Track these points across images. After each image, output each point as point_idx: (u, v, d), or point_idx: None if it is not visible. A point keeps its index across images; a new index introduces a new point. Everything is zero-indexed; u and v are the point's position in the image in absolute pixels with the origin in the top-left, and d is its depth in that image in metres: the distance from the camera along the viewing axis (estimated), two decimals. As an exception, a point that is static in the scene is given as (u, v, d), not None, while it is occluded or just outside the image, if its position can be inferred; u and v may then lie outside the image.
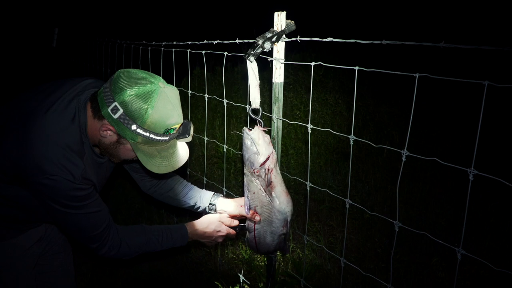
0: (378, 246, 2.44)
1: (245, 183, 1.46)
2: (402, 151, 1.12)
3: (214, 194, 1.63)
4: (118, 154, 1.21)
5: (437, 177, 3.02)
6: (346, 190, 2.89)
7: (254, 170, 1.40)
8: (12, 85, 5.40)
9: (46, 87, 1.24)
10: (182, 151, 1.28)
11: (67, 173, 1.08)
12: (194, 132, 1.63)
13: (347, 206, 1.34)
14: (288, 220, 1.47)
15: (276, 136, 1.55)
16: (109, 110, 1.09)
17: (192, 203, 1.62)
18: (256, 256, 2.35)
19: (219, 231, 1.53)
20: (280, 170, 1.60)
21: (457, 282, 2.07)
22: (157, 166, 1.20)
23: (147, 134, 1.12)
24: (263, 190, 1.43)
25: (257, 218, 1.48)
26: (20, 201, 1.21)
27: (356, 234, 2.56)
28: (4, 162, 1.11)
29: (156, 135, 1.13)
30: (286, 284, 1.96)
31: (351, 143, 1.27)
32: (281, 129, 1.55)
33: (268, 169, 1.39)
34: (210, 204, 1.61)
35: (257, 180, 1.42)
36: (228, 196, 2.03)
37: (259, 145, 1.38)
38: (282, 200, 1.43)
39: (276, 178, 1.42)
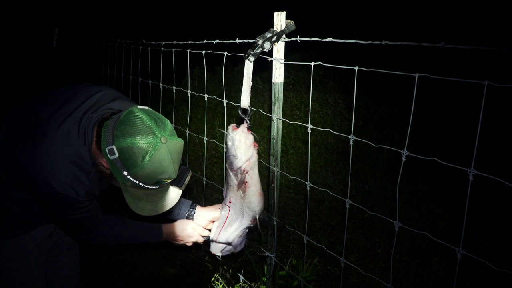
0: (378, 246, 2.44)
1: (226, 175, 1.56)
2: (402, 151, 1.12)
3: (192, 203, 1.68)
4: (111, 182, 1.24)
5: (437, 177, 3.02)
6: (346, 190, 2.89)
7: (231, 169, 1.49)
8: (12, 85, 5.39)
9: (60, 94, 1.28)
10: (172, 195, 1.27)
11: (72, 191, 1.16)
12: (193, 132, 1.65)
13: (347, 206, 1.34)
14: (257, 217, 1.56)
15: (276, 136, 1.56)
16: (106, 149, 1.09)
17: (172, 210, 1.65)
18: (255, 256, 2.34)
19: (191, 236, 1.61)
20: (280, 170, 1.60)
21: (457, 282, 2.07)
22: (141, 208, 1.22)
23: (137, 182, 1.11)
24: (237, 187, 1.51)
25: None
26: (28, 204, 1.29)
27: (356, 234, 2.56)
28: (13, 168, 1.18)
29: (145, 184, 1.13)
30: (286, 284, 1.96)
31: (351, 143, 1.27)
32: (281, 129, 1.56)
33: (244, 170, 1.46)
34: (189, 209, 1.66)
35: (233, 176, 1.51)
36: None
37: (238, 148, 1.43)
38: (253, 200, 1.51)
39: (252, 179, 1.49)
